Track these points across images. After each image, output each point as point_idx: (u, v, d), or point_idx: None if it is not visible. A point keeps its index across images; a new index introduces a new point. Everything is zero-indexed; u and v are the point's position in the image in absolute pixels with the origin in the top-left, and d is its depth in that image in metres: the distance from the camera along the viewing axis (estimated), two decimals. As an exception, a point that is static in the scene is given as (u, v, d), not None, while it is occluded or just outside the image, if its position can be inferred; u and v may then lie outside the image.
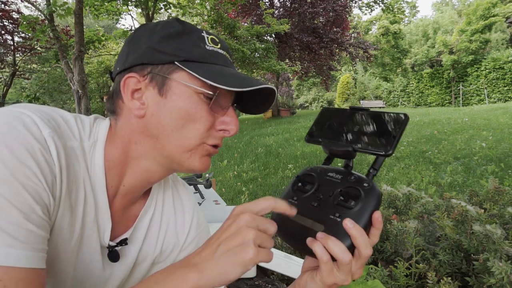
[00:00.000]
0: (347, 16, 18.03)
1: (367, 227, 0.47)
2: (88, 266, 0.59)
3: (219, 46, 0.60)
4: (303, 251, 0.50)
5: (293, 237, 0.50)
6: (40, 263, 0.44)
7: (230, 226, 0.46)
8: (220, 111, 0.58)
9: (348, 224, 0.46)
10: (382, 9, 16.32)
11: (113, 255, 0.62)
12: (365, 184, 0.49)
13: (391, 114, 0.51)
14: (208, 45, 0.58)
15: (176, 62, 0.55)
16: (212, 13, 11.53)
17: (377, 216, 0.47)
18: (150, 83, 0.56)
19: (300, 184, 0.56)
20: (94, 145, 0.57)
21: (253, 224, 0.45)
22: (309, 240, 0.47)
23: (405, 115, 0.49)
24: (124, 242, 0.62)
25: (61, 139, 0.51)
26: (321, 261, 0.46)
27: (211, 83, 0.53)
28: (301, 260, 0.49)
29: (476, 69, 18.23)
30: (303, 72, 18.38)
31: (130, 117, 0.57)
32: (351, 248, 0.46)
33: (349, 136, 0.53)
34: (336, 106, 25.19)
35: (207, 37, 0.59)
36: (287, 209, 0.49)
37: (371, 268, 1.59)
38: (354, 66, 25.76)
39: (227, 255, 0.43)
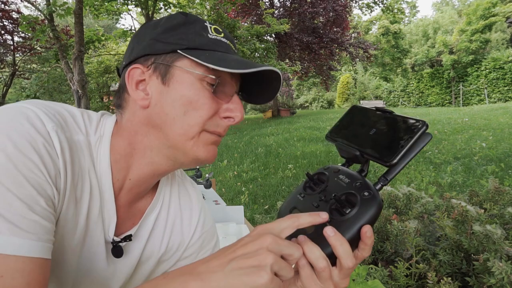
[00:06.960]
0: (347, 16, 18.01)
1: (355, 238, 0.44)
2: (92, 260, 0.59)
3: (222, 35, 0.59)
4: None
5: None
6: (45, 253, 0.45)
7: (248, 244, 0.42)
8: (224, 98, 0.57)
9: (328, 232, 0.43)
10: (382, 9, 16.30)
11: (117, 251, 0.61)
12: (366, 193, 0.46)
13: (410, 121, 0.47)
14: (210, 34, 0.57)
15: (178, 51, 0.54)
16: (212, 13, 11.52)
17: (365, 230, 0.44)
18: (153, 73, 0.56)
19: (312, 182, 0.54)
20: (100, 139, 0.57)
21: (275, 249, 0.41)
22: (293, 241, 0.45)
23: (423, 122, 0.45)
24: (128, 238, 0.62)
25: (66, 133, 0.51)
26: (298, 265, 0.45)
27: (213, 67, 0.52)
28: None
29: (476, 69, 18.26)
30: (303, 72, 18.37)
31: (135, 109, 0.58)
32: (332, 257, 0.43)
33: (363, 140, 0.50)
34: (336, 105, 25.21)
35: (210, 27, 0.58)
36: (314, 219, 0.45)
37: (371, 268, 1.59)
38: (354, 66, 25.77)
39: (238, 272, 0.40)
